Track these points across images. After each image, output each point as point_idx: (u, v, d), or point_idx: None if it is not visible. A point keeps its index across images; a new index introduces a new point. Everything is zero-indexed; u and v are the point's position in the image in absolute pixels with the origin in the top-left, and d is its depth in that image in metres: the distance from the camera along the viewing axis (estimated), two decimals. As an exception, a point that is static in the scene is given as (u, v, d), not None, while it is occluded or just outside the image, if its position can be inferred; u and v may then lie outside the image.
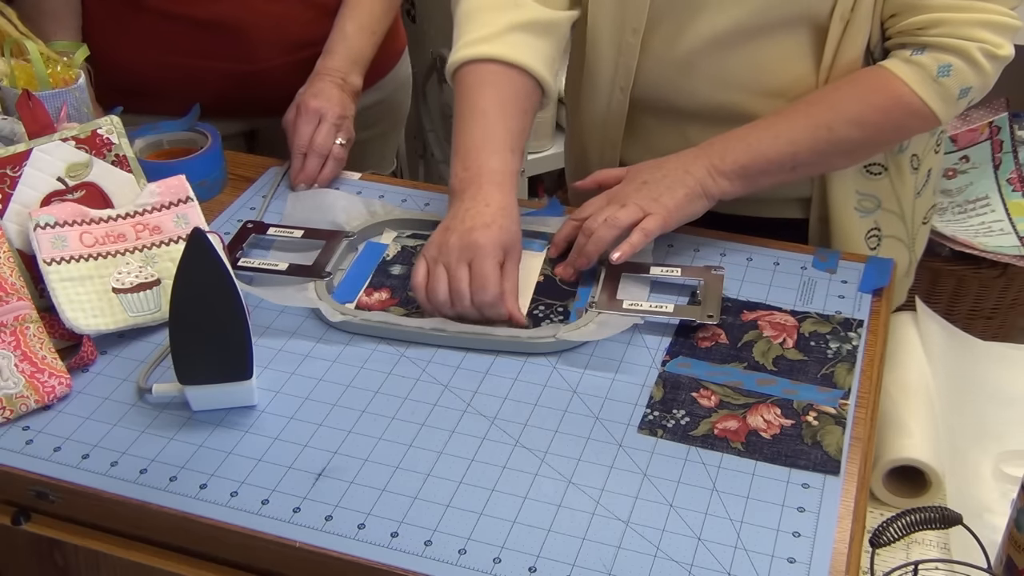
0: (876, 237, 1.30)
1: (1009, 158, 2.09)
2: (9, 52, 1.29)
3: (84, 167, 1.14)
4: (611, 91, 1.28)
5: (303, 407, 1.00)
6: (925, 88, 1.11)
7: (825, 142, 1.15)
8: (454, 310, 1.08)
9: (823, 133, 1.14)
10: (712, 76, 1.22)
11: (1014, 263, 1.96)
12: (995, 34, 1.10)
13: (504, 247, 1.09)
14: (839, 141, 1.15)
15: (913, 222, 1.34)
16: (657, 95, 1.26)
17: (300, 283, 1.14)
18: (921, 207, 1.34)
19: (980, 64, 1.10)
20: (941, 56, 1.10)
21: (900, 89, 1.12)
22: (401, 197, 1.31)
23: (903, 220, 1.32)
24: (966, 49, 1.10)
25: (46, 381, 1.00)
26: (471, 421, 0.98)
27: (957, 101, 1.13)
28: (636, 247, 1.11)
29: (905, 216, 1.32)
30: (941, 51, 1.11)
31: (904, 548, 1.01)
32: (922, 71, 1.11)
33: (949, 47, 1.10)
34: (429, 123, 2.36)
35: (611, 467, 0.93)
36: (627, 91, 1.27)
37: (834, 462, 0.93)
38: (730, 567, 0.84)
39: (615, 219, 1.12)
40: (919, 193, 1.32)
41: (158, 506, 0.90)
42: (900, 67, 1.12)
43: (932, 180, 1.34)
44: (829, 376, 1.03)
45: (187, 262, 0.92)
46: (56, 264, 1.06)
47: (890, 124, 1.16)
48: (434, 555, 0.85)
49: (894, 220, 1.31)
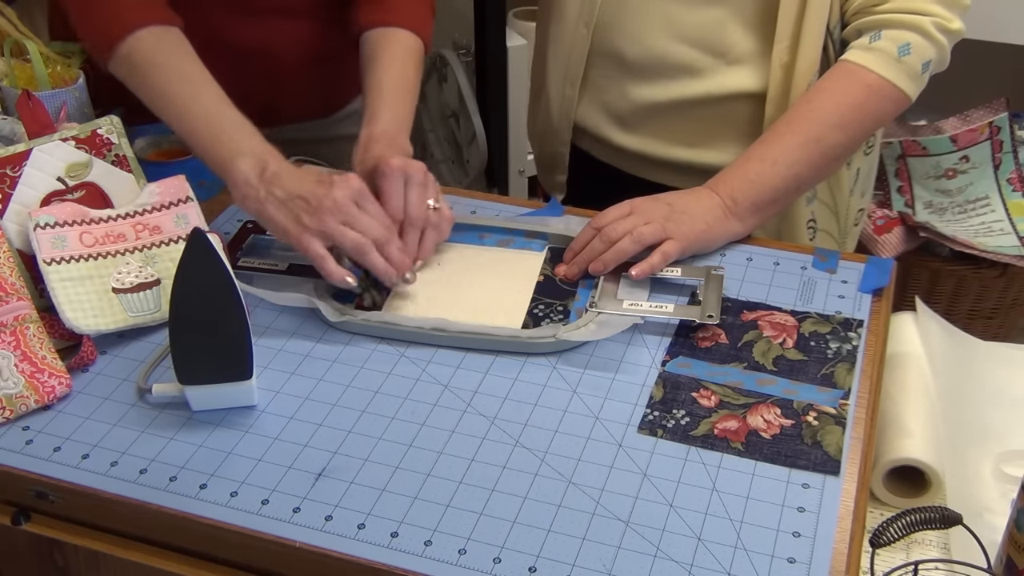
0: (812, 228, 1.34)
1: (1009, 158, 2.09)
2: (9, 52, 1.29)
3: (84, 167, 1.14)
4: (576, 26, 1.34)
5: (303, 407, 1.00)
6: (890, 70, 1.15)
7: (819, 155, 1.19)
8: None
9: (814, 147, 1.18)
10: (658, 23, 1.27)
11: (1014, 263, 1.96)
12: (945, 8, 1.16)
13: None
14: (829, 148, 1.19)
15: (846, 220, 1.37)
16: (611, 42, 1.32)
17: (300, 283, 1.14)
18: (853, 207, 1.37)
19: (935, 37, 1.16)
20: (898, 35, 1.15)
21: (868, 78, 1.16)
22: (401, 197, 1.31)
23: (836, 216, 1.35)
24: (920, 24, 1.15)
25: (46, 381, 1.00)
26: (471, 421, 0.98)
27: (921, 76, 1.17)
28: (655, 269, 1.13)
29: (839, 212, 1.35)
30: (897, 29, 1.15)
31: (904, 548, 1.01)
32: (883, 55, 1.15)
33: (904, 23, 1.15)
34: (429, 123, 2.36)
35: (611, 467, 0.93)
36: (590, 27, 1.33)
37: (834, 462, 0.93)
38: (730, 567, 0.84)
39: (640, 235, 1.13)
40: (851, 191, 1.35)
41: (158, 506, 0.90)
42: (862, 56, 1.17)
43: (861, 180, 1.37)
44: (829, 376, 1.03)
45: (187, 262, 0.92)
46: (56, 264, 1.06)
47: (868, 116, 1.19)
48: (434, 555, 0.85)
49: (827, 213, 1.35)
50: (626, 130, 1.37)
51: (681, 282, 1.15)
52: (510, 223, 1.24)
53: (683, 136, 1.33)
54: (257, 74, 1.42)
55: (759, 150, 1.19)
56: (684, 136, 1.33)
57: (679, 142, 1.33)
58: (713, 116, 1.30)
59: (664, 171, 1.36)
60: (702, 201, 1.17)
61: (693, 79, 1.27)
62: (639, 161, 1.38)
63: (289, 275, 1.15)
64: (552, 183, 1.52)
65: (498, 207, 1.29)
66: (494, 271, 1.19)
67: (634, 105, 1.34)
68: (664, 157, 1.35)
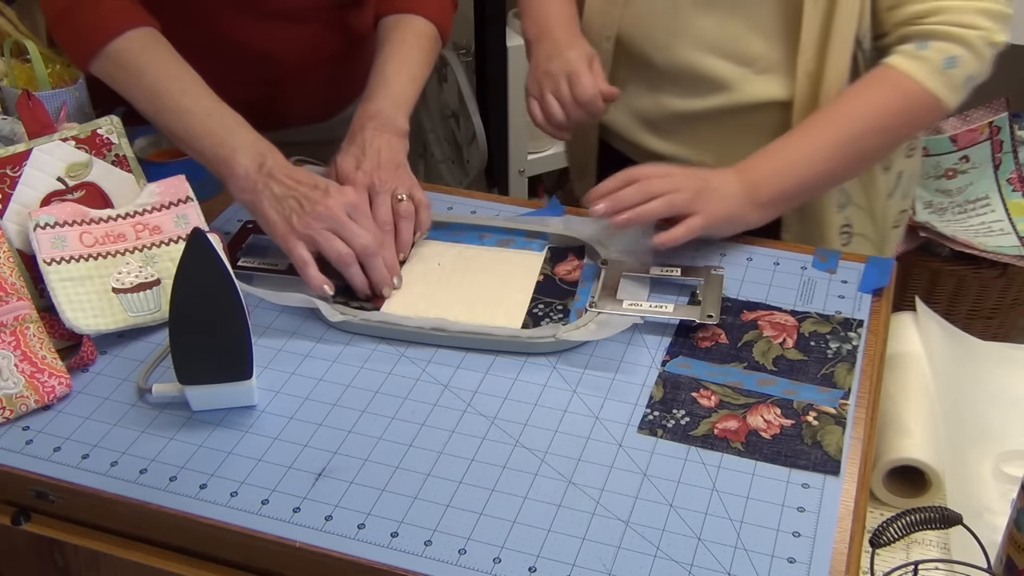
0: (847, 233, 1.33)
1: (1009, 158, 2.09)
2: (9, 52, 1.29)
3: (84, 167, 1.14)
4: (598, 40, 1.34)
5: (303, 407, 1.00)
6: (934, 81, 1.14)
7: (851, 156, 1.18)
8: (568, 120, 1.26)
9: (848, 147, 1.17)
10: (688, 35, 1.26)
11: (1014, 263, 1.96)
12: (992, 21, 1.14)
13: (588, 56, 1.26)
14: (863, 151, 1.19)
15: (884, 223, 1.35)
16: (639, 51, 1.32)
17: (300, 283, 1.14)
18: (892, 209, 1.36)
19: (981, 52, 1.14)
20: (946, 47, 1.13)
21: (911, 87, 1.15)
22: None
23: (873, 219, 1.34)
24: (967, 38, 1.13)
25: (46, 381, 1.00)
26: (471, 421, 0.98)
27: (963, 88, 1.16)
28: (677, 240, 1.12)
29: (876, 215, 1.34)
30: (944, 41, 1.14)
31: (904, 548, 1.01)
32: (929, 65, 1.14)
33: (952, 36, 1.13)
34: (429, 123, 2.36)
35: (611, 467, 0.93)
36: (612, 40, 1.33)
37: (834, 462, 0.93)
38: (730, 567, 0.84)
39: (672, 201, 1.13)
40: (890, 195, 1.34)
41: (158, 506, 0.90)
42: (907, 64, 1.15)
43: (903, 184, 1.37)
44: (829, 376, 1.03)
45: (187, 262, 0.92)
46: (56, 264, 1.06)
47: (906, 123, 1.19)
48: (434, 555, 0.85)
49: (864, 217, 1.34)
50: (658, 136, 1.36)
51: (681, 282, 1.15)
52: (510, 223, 1.24)
53: (714, 142, 1.32)
54: (259, 77, 1.42)
55: (792, 142, 1.18)
56: (715, 142, 1.32)
57: (710, 148, 1.32)
58: (743, 124, 1.29)
59: None
60: (730, 184, 1.16)
61: (723, 89, 1.27)
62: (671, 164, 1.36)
63: (289, 275, 1.15)
64: (584, 190, 1.51)
65: (498, 207, 1.29)
66: (494, 271, 1.19)
67: (666, 113, 1.33)
68: (699, 161, 1.33)
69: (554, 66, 1.26)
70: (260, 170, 1.12)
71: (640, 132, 1.38)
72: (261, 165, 1.13)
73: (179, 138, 1.17)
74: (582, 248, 1.21)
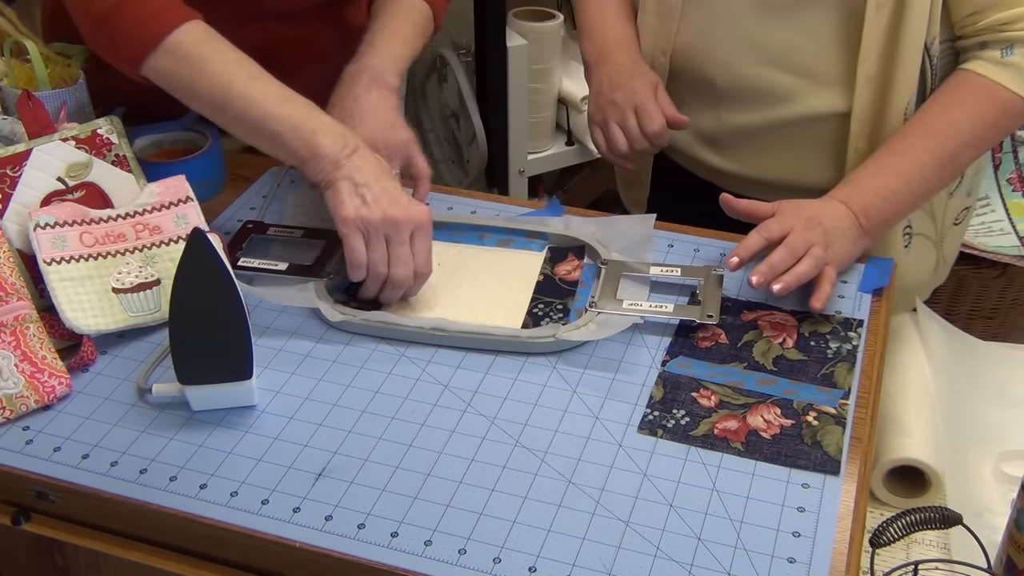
0: (908, 235, 1.31)
1: (1009, 158, 2.09)
2: (9, 52, 1.29)
3: (84, 167, 1.14)
4: (653, 54, 1.34)
5: (303, 407, 1.00)
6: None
7: (950, 173, 1.19)
8: (631, 151, 1.29)
9: (948, 164, 1.17)
10: (745, 48, 1.25)
11: (1014, 263, 1.96)
12: None
13: (654, 84, 1.28)
14: (960, 166, 1.19)
15: (944, 221, 1.34)
16: (695, 65, 1.31)
17: (300, 283, 1.14)
18: (953, 207, 1.35)
19: None
20: None
21: (1002, 95, 1.14)
22: (401, 197, 1.31)
23: (932, 218, 1.33)
24: None
25: (46, 381, 1.00)
26: (471, 421, 0.98)
27: None
28: (829, 296, 1.10)
29: (935, 214, 1.33)
30: None
31: (904, 548, 1.01)
32: (1018, 71, 1.13)
33: None
34: (429, 123, 2.36)
35: (611, 467, 0.93)
36: (667, 54, 1.33)
37: (834, 462, 0.93)
38: (730, 567, 0.84)
39: (818, 258, 1.09)
40: (951, 193, 1.33)
41: (158, 506, 0.90)
42: (995, 72, 1.14)
43: (966, 181, 1.35)
44: (829, 376, 1.03)
45: (187, 262, 0.92)
46: (56, 264, 1.06)
47: (1000, 133, 1.18)
48: (434, 555, 0.85)
49: (923, 217, 1.32)
50: (719, 152, 1.35)
51: (681, 282, 1.15)
52: (510, 223, 1.24)
53: (775, 156, 1.30)
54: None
55: (892, 164, 1.16)
56: (776, 156, 1.30)
57: (771, 162, 1.31)
58: (803, 137, 1.27)
59: (758, 189, 1.31)
60: (841, 219, 1.13)
61: (785, 102, 1.25)
62: (733, 180, 1.34)
63: (289, 275, 1.15)
64: (631, 199, 1.51)
65: (498, 207, 1.29)
66: (494, 271, 1.19)
67: (728, 129, 1.31)
68: (759, 177, 1.33)
69: (619, 96, 1.28)
70: (343, 150, 1.12)
71: (698, 147, 1.37)
72: (344, 145, 1.13)
73: (252, 124, 1.15)
74: (582, 248, 1.21)
